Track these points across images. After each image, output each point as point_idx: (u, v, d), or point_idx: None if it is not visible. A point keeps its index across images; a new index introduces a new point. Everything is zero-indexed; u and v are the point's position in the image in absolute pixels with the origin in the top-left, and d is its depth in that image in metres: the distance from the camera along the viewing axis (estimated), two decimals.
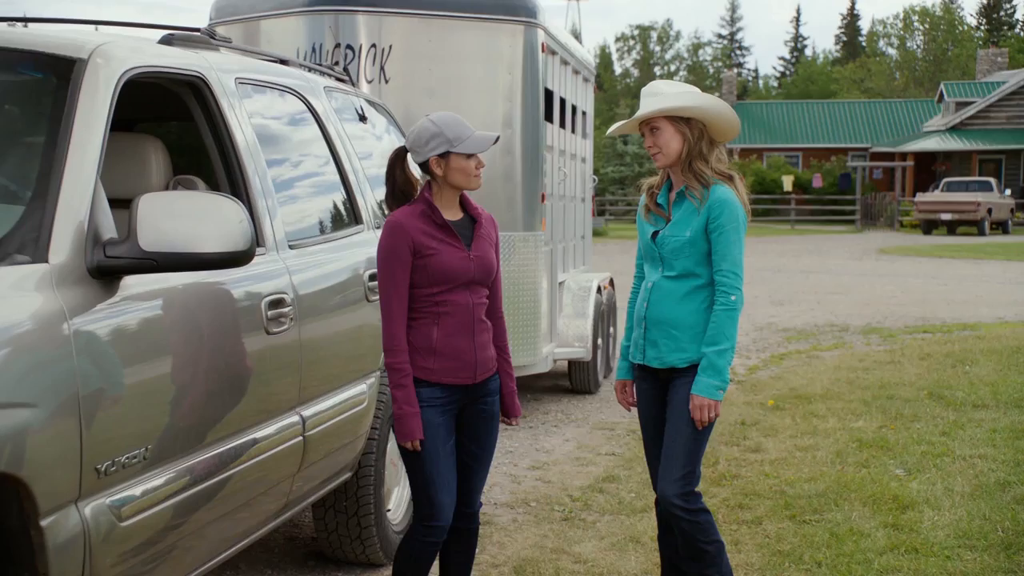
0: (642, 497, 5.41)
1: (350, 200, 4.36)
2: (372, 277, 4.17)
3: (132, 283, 2.76)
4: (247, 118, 3.64)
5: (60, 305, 2.49)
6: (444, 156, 3.35)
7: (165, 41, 3.49)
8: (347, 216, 4.34)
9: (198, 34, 3.68)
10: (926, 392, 7.97)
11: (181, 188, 3.62)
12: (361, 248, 4.24)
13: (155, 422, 2.79)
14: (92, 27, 3.85)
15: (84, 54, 2.93)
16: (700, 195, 3.52)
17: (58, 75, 2.88)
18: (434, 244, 3.35)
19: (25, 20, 3.74)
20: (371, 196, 4.52)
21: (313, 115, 4.27)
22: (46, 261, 2.55)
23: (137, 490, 2.70)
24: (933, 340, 10.88)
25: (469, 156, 3.36)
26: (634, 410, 3.83)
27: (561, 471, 6.05)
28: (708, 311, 3.53)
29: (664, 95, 3.53)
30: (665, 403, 3.63)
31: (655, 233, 3.61)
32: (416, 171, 3.53)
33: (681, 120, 3.52)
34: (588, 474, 5.97)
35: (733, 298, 3.49)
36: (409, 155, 3.47)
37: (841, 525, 4.88)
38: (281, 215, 3.70)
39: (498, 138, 3.46)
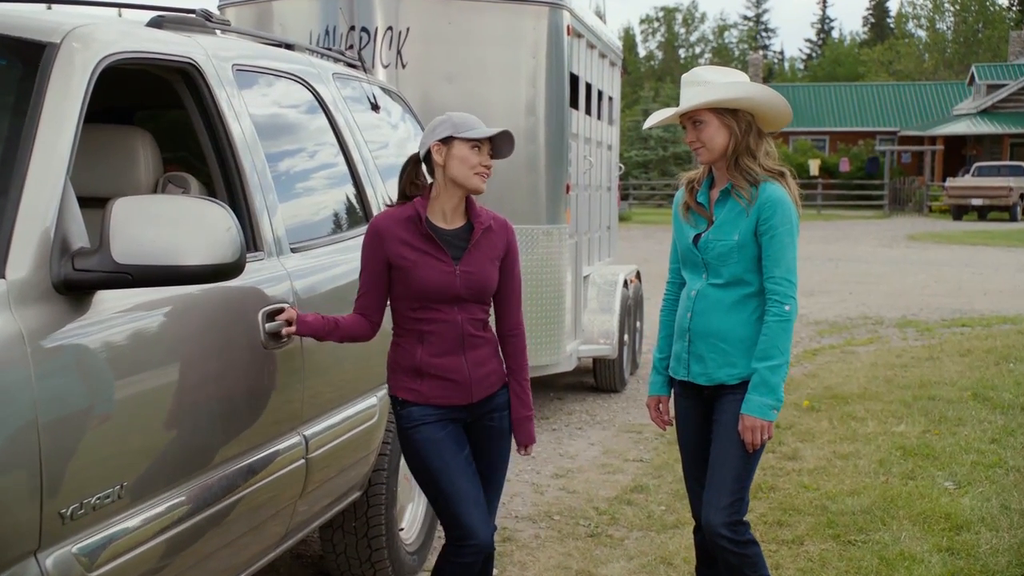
0: (673, 511, 5.08)
1: (360, 196, 4.02)
2: None
3: (106, 298, 2.44)
4: (245, 109, 3.31)
5: (17, 327, 2.17)
6: (446, 142, 3.09)
7: (154, 24, 3.15)
8: (357, 213, 4.00)
9: (192, 16, 3.34)
10: (970, 392, 7.57)
11: (172, 186, 3.29)
12: None
13: (132, 456, 2.47)
14: (115, 11, 3.59)
15: (56, 38, 2.59)
16: (748, 194, 3.14)
17: (25, 61, 2.55)
18: (412, 256, 3.09)
19: (48, 1, 3.45)
20: (383, 191, 4.17)
21: (320, 104, 3.93)
22: (3, 276, 2.22)
23: (111, 533, 2.37)
24: (973, 335, 10.45)
25: (473, 147, 3.07)
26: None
27: (586, 479, 5.72)
28: (760, 322, 3.17)
29: (710, 84, 3.15)
30: (709, 423, 3.28)
31: (697, 236, 3.25)
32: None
33: (727, 112, 3.14)
34: (615, 483, 5.63)
35: (787, 308, 3.13)
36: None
37: (890, 547, 4.51)
38: (282, 214, 3.36)
39: (506, 135, 3.10)
